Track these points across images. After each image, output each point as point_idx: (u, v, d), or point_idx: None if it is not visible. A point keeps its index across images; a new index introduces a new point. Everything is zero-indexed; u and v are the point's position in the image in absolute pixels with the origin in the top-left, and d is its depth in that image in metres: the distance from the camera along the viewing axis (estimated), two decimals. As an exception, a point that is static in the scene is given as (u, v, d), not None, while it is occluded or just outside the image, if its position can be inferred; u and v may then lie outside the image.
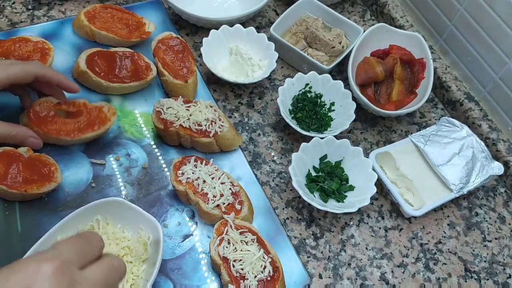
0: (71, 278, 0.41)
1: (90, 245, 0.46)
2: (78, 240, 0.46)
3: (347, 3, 1.14)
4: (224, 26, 0.95)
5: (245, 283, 0.66)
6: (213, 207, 0.73)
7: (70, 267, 0.42)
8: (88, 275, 0.43)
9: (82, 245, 0.45)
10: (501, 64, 0.90)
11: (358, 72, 0.93)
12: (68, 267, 0.41)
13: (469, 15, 0.93)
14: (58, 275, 0.40)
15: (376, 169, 0.82)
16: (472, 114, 0.95)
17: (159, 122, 0.81)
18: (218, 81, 0.95)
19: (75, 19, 0.95)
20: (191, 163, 0.77)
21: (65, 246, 0.44)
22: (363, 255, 0.79)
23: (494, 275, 0.80)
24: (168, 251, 0.74)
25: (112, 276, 0.46)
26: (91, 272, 0.44)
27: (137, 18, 0.96)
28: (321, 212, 0.82)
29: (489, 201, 0.89)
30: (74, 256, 0.43)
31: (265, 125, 0.91)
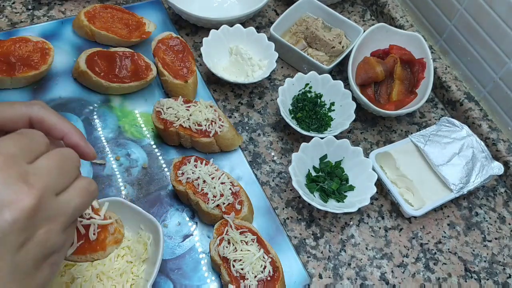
0: (20, 170, 0.37)
1: (33, 140, 0.41)
2: (18, 136, 0.41)
3: (347, 3, 1.14)
4: (224, 26, 0.95)
5: (245, 283, 0.66)
6: (213, 207, 0.73)
7: (16, 160, 0.38)
8: (39, 165, 0.39)
9: (24, 140, 0.41)
10: (501, 64, 0.90)
11: (358, 72, 0.93)
12: (13, 160, 0.37)
13: (469, 15, 0.93)
14: (5, 169, 0.36)
15: (376, 169, 0.82)
16: (472, 114, 0.95)
17: (159, 122, 0.81)
18: (218, 81, 0.95)
19: (75, 19, 0.95)
20: (191, 163, 0.77)
21: (3, 142, 0.39)
22: (363, 255, 0.79)
23: (494, 275, 0.80)
24: (168, 251, 0.74)
25: (65, 162, 0.42)
26: (41, 162, 0.40)
27: (137, 18, 0.96)
28: (321, 212, 0.82)
29: (489, 201, 0.89)
30: (18, 151, 0.39)
31: (265, 125, 0.91)
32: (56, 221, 0.39)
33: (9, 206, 0.35)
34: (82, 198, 0.42)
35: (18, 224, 0.35)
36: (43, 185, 0.38)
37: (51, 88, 0.88)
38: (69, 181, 0.42)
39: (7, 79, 0.84)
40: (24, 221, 0.35)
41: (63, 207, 0.40)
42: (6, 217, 0.35)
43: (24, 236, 0.36)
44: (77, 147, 0.49)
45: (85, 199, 0.43)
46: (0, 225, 0.34)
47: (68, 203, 0.40)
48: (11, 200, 0.35)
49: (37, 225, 0.37)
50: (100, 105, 0.88)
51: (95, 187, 0.44)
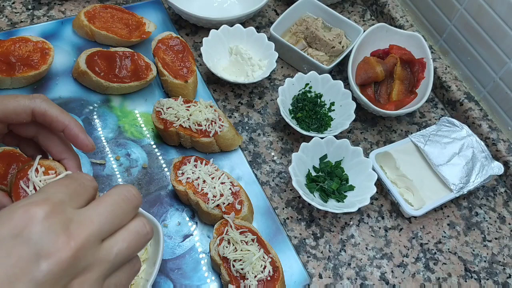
0: (65, 218, 0.36)
1: (82, 185, 0.41)
2: (67, 181, 0.41)
3: (347, 3, 1.14)
4: (224, 26, 0.95)
5: (245, 283, 0.66)
6: (213, 207, 0.73)
7: (63, 207, 0.37)
8: (86, 212, 0.38)
9: (72, 185, 0.40)
10: (501, 64, 0.90)
11: (358, 72, 0.93)
12: (61, 208, 0.37)
13: (469, 15, 0.93)
14: (51, 217, 0.36)
15: (376, 169, 0.82)
16: (472, 114, 0.95)
17: (159, 122, 0.81)
18: (218, 81, 0.95)
19: (75, 19, 0.95)
20: (191, 163, 0.77)
21: (54, 189, 0.39)
22: (363, 255, 0.79)
23: (494, 275, 0.80)
24: (168, 251, 0.74)
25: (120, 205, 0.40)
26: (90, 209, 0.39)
27: (137, 18, 0.96)
28: (321, 212, 0.82)
29: (489, 201, 0.89)
30: (66, 197, 0.38)
31: (265, 125, 0.91)
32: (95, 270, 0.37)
33: (46, 257, 0.35)
34: (129, 243, 0.39)
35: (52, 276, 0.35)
36: (85, 234, 0.37)
37: (51, 88, 0.88)
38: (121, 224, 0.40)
39: (7, 79, 0.84)
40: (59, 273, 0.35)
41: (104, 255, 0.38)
42: (42, 268, 0.34)
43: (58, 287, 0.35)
44: (77, 138, 0.51)
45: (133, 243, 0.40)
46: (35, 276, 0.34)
47: (111, 250, 0.38)
48: (49, 251, 0.35)
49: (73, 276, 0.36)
50: (100, 105, 0.88)
51: (149, 229, 0.41)
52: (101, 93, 0.89)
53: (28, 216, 0.35)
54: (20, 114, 0.50)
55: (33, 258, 0.34)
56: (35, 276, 0.34)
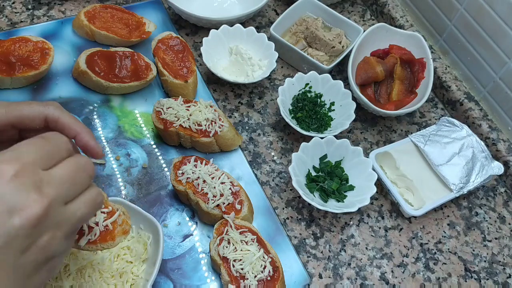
0: (35, 178, 0.39)
1: (54, 146, 0.43)
2: (40, 141, 0.42)
3: (347, 3, 1.14)
4: (224, 26, 0.95)
5: (245, 283, 0.66)
6: (213, 207, 0.73)
7: (33, 167, 0.39)
8: (54, 174, 0.41)
9: (45, 146, 0.42)
10: (501, 64, 0.90)
11: (358, 72, 0.93)
12: (31, 167, 0.39)
13: (469, 15, 0.93)
14: (21, 175, 0.38)
15: (376, 169, 0.82)
16: (472, 114, 0.95)
17: (159, 122, 0.81)
18: (218, 81, 0.95)
19: (75, 19, 0.95)
20: (191, 163, 0.77)
21: (26, 147, 0.41)
22: (363, 255, 0.79)
23: (494, 275, 0.80)
24: (168, 251, 0.74)
25: (80, 174, 0.43)
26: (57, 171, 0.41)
27: (137, 18, 0.96)
28: (321, 212, 0.82)
29: (489, 201, 0.89)
30: (37, 157, 0.40)
31: (265, 125, 0.91)
32: (61, 229, 0.40)
33: (18, 212, 0.37)
34: (88, 209, 0.44)
35: (24, 230, 0.37)
36: (54, 194, 0.39)
37: (51, 88, 0.88)
38: (80, 190, 0.43)
39: (7, 79, 0.84)
40: (30, 228, 0.37)
41: (69, 217, 0.41)
42: (14, 223, 0.36)
43: (28, 241, 0.38)
44: (88, 145, 0.52)
45: (91, 210, 0.44)
46: (8, 230, 0.36)
47: (75, 213, 0.42)
48: (21, 207, 0.37)
49: (42, 232, 0.39)
50: (100, 105, 0.88)
51: (101, 199, 0.46)
52: (101, 93, 0.89)
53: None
54: (34, 120, 0.51)
55: (6, 213, 0.36)
56: (7, 230, 0.36)
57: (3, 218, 0.36)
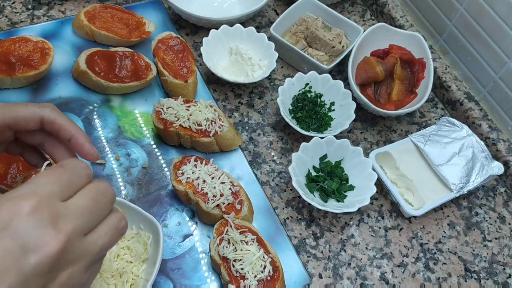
0: (52, 212, 0.37)
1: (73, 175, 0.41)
2: (58, 171, 0.41)
3: (347, 2, 1.14)
4: (224, 26, 0.95)
5: (245, 282, 0.66)
6: (213, 207, 0.73)
7: (51, 200, 0.38)
8: (72, 205, 0.39)
9: (64, 175, 0.41)
10: (501, 64, 0.90)
11: (358, 72, 0.93)
12: (48, 201, 0.37)
13: (469, 15, 0.93)
14: (36, 212, 0.36)
15: (376, 169, 0.82)
16: (472, 114, 0.95)
17: (159, 122, 0.81)
18: (218, 81, 0.95)
19: (75, 19, 0.95)
20: (191, 163, 0.77)
21: (44, 179, 0.40)
22: (363, 255, 0.79)
23: (494, 274, 0.80)
24: (168, 251, 0.74)
25: (99, 201, 0.41)
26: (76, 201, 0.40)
27: (137, 17, 0.96)
28: (321, 212, 0.82)
29: (489, 201, 0.89)
30: (55, 188, 0.39)
31: (265, 125, 0.91)
32: (81, 262, 0.39)
33: (35, 250, 0.35)
34: (110, 237, 0.42)
35: (41, 268, 0.35)
36: (72, 228, 0.38)
37: (51, 88, 0.88)
38: (101, 218, 0.42)
39: (7, 79, 0.84)
40: (47, 266, 0.36)
41: (89, 248, 0.40)
42: (30, 261, 0.35)
43: (46, 279, 0.36)
44: (83, 147, 0.52)
45: (113, 238, 0.42)
46: (24, 269, 0.35)
47: (95, 244, 0.40)
48: (37, 244, 0.35)
49: (61, 268, 0.37)
50: (100, 105, 0.88)
51: (124, 224, 0.44)
52: (101, 93, 0.89)
53: (14, 210, 0.36)
54: (30, 122, 0.51)
55: (21, 251, 0.35)
56: (24, 269, 0.34)
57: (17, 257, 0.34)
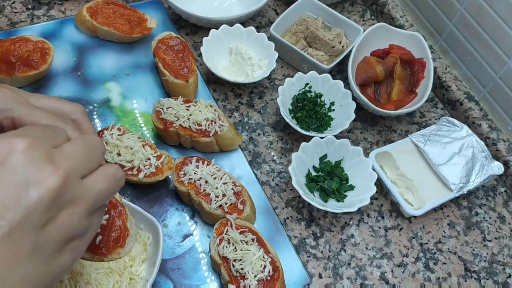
0: (47, 151, 0.37)
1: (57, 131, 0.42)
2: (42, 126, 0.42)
3: (347, 2, 1.14)
4: (224, 26, 0.95)
5: (245, 282, 0.66)
6: (216, 207, 0.73)
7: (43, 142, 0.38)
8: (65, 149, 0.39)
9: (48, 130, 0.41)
10: (501, 64, 0.90)
11: (358, 72, 0.93)
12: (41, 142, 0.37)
13: (469, 15, 0.93)
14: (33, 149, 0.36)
15: (376, 169, 0.82)
16: (472, 113, 0.95)
17: (159, 122, 0.81)
18: (218, 81, 0.95)
19: (77, 14, 0.95)
20: (193, 163, 0.77)
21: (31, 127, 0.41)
22: (363, 255, 0.79)
23: (494, 274, 0.80)
24: (168, 251, 0.74)
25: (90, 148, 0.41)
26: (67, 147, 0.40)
27: (139, 14, 0.96)
28: (321, 211, 0.82)
29: (489, 200, 0.89)
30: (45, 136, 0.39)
31: (265, 125, 0.91)
32: (80, 204, 0.38)
33: (35, 185, 0.35)
34: (108, 183, 0.41)
35: (42, 203, 0.35)
36: (69, 166, 0.37)
37: (51, 88, 0.88)
38: (95, 165, 0.41)
39: (7, 79, 0.84)
40: (48, 201, 0.35)
41: (88, 190, 0.39)
42: (31, 196, 0.34)
43: (47, 216, 0.35)
44: None
45: (111, 184, 0.42)
46: (25, 203, 0.34)
47: (93, 187, 0.40)
48: (37, 179, 0.35)
49: (61, 206, 0.37)
50: (100, 104, 0.88)
51: (121, 174, 0.43)
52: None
53: (9, 146, 0.35)
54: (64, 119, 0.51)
55: (21, 186, 0.34)
56: (25, 203, 0.34)
57: (19, 191, 0.34)
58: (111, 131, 0.77)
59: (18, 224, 0.34)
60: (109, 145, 0.75)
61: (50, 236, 0.36)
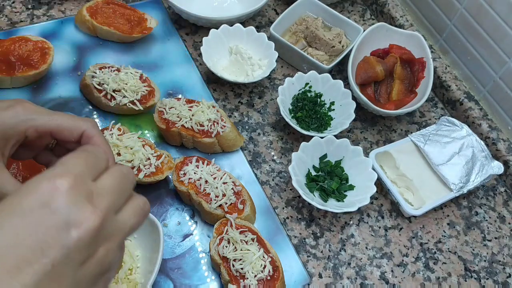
0: (88, 190, 0.39)
1: (96, 157, 0.44)
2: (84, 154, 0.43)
3: (347, 2, 1.14)
4: (224, 26, 0.95)
5: (245, 282, 0.66)
6: (216, 207, 0.73)
7: (84, 179, 0.40)
8: (103, 185, 0.41)
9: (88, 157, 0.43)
10: (501, 64, 0.90)
11: (358, 72, 0.93)
12: (82, 180, 0.39)
13: (469, 14, 0.93)
14: (74, 189, 0.38)
15: (376, 169, 0.82)
16: (472, 113, 0.95)
17: (161, 122, 0.81)
18: (218, 81, 0.95)
19: (77, 14, 0.95)
20: (193, 163, 0.77)
21: (74, 160, 0.42)
22: (363, 255, 0.79)
23: (494, 274, 0.80)
24: (168, 251, 0.74)
25: (124, 182, 0.43)
26: (105, 181, 0.42)
27: (139, 13, 0.96)
28: (321, 211, 0.82)
29: (489, 200, 0.89)
30: (86, 169, 0.41)
31: (265, 125, 0.91)
32: (115, 239, 0.41)
33: (76, 225, 0.37)
34: (138, 218, 0.44)
35: (82, 242, 0.37)
36: (106, 205, 0.39)
37: (51, 88, 0.88)
38: (126, 199, 0.43)
39: (6, 79, 0.84)
40: (88, 240, 0.37)
41: (121, 227, 0.41)
42: (72, 236, 0.36)
43: (86, 253, 0.38)
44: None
45: (141, 219, 0.44)
46: (66, 243, 0.36)
47: (126, 222, 0.42)
48: (78, 220, 0.37)
49: (98, 244, 0.39)
50: (100, 104, 0.88)
51: (148, 207, 0.46)
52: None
53: (54, 187, 0.37)
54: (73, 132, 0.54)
55: (63, 227, 0.36)
56: (66, 243, 0.36)
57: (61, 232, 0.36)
58: (111, 131, 0.77)
59: (60, 262, 0.36)
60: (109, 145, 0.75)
61: (88, 271, 0.38)
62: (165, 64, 0.95)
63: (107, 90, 0.82)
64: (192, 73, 0.95)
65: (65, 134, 0.54)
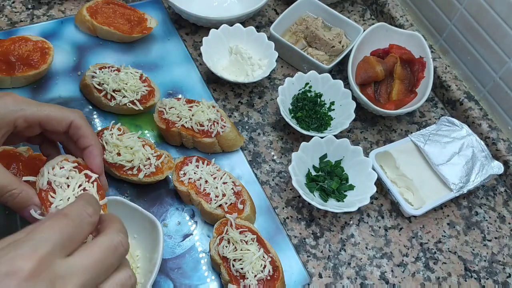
0: (51, 275, 0.35)
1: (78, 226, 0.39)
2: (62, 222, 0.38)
3: (347, 2, 1.14)
4: (224, 26, 0.95)
5: (245, 282, 0.66)
6: (216, 207, 0.73)
7: (51, 260, 0.35)
8: (76, 263, 0.36)
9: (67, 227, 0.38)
10: (501, 64, 0.90)
11: (358, 72, 0.93)
12: (48, 262, 0.35)
13: (469, 14, 0.93)
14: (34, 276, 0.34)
15: (376, 169, 0.82)
16: (472, 113, 0.95)
17: (161, 122, 0.81)
18: (218, 81, 0.95)
19: (77, 14, 0.95)
20: (193, 163, 0.77)
21: (46, 233, 0.37)
22: (363, 255, 0.79)
23: (494, 274, 0.80)
24: (168, 251, 0.74)
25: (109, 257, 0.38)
26: (79, 259, 0.37)
27: (139, 13, 0.96)
28: (321, 211, 0.82)
29: (489, 200, 0.89)
30: (57, 244, 0.36)
31: (265, 125, 0.91)
32: None
33: None
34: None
35: None
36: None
37: (51, 88, 0.88)
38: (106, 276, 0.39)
39: (6, 79, 0.84)
40: None
41: None
42: None
43: None
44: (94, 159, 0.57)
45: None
46: None
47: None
48: None
49: None
50: (100, 104, 0.88)
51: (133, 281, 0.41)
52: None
53: (12, 271, 0.34)
54: (61, 123, 0.55)
55: None
56: None
57: None
58: (111, 130, 0.77)
59: None
60: (109, 145, 0.75)
61: None
62: (165, 64, 0.95)
63: (107, 90, 0.82)
64: (192, 73, 0.95)
65: (54, 124, 0.54)
